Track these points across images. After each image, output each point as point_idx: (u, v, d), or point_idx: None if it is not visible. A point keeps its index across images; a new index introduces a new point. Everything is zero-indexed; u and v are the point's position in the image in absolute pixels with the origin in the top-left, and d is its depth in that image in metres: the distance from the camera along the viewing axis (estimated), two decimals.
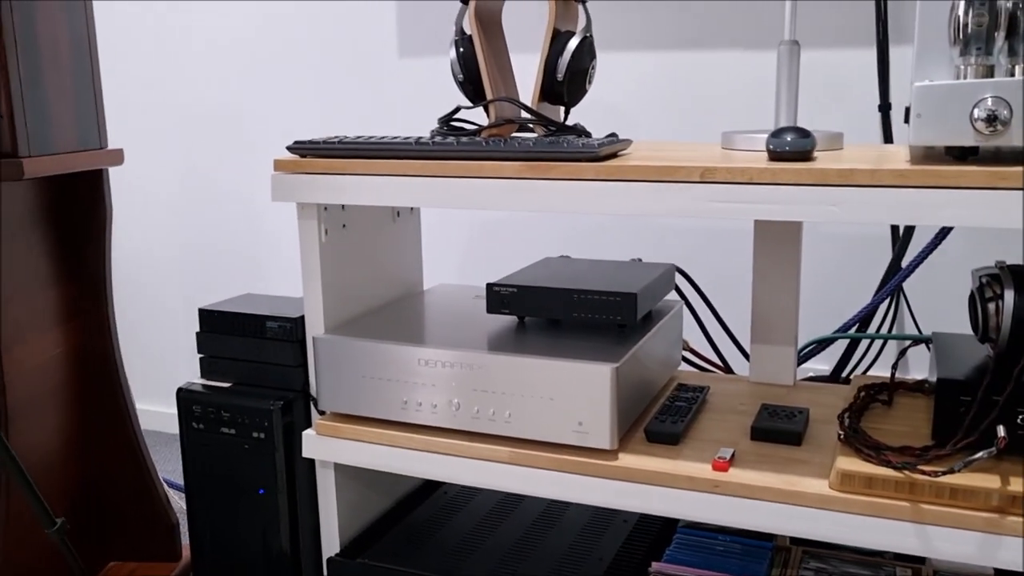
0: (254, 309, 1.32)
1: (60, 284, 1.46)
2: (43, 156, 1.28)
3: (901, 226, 1.53)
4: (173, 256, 2.20)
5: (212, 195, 2.12)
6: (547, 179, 1.04)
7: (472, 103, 1.32)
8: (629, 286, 1.18)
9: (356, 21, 1.90)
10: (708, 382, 1.37)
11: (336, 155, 1.16)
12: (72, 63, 1.36)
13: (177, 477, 2.00)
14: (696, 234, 1.71)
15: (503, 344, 1.15)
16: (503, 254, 1.86)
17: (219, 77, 2.05)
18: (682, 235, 1.71)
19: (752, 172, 0.95)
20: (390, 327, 1.25)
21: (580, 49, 1.24)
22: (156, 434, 2.30)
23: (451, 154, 1.10)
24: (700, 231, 1.69)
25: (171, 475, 2.03)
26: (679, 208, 0.98)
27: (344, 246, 1.27)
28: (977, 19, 0.93)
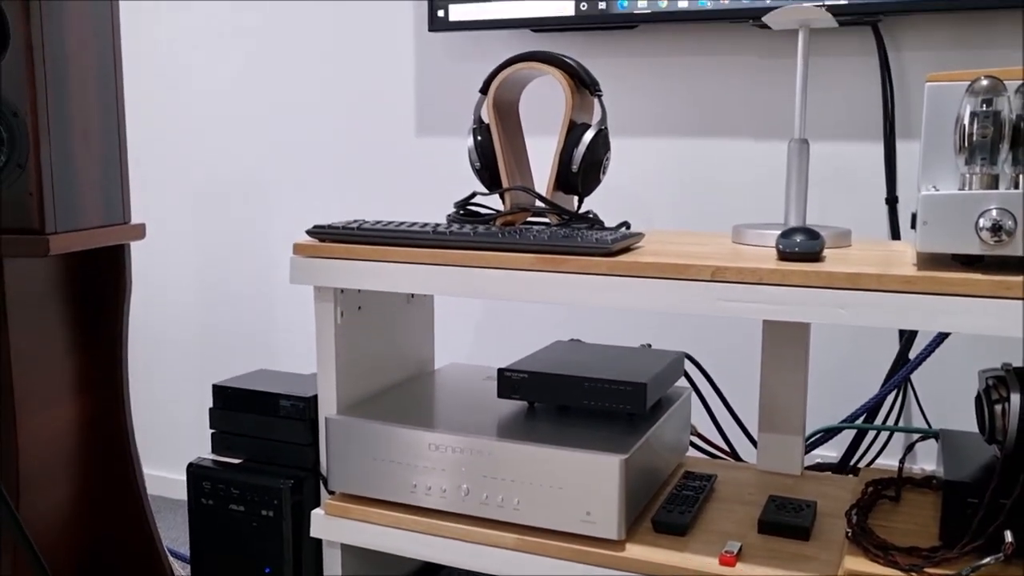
0: (268, 387, 1.33)
1: (77, 355, 1.48)
2: (68, 232, 1.31)
3: None
4: (189, 328, 2.22)
5: (229, 269, 2.15)
6: (561, 272, 1.06)
7: (488, 190, 1.35)
8: (639, 375, 1.20)
9: (375, 99, 1.95)
10: (716, 469, 1.37)
11: (354, 240, 1.19)
12: (102, 140, 1.40)
13: (180, 544, 1.99)
14: (705, 318, 1.72)
15: (513, 431, 1.16)
16: (514, 332, 1.88)
17: (237, 151, 2.10)
18: (692, 319, 1.73)
19: (762, 272, 0.97)
20: (402, 409, 1.26)
21: (595, 141, 1.27)
22: (160, 499, 2.30)
23: (467, 244, 1.13)
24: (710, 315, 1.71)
25: (174, 542, 2.03)
26: (689, 306, 1.00)
27: (359, 327, 1.29)
28: (982, 130, 0.96)
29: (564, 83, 1.28)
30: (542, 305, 1.85)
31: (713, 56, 1.67)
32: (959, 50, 1.51)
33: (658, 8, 1.57)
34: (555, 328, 1.84)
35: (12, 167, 1.25)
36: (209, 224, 2.16)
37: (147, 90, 2.19)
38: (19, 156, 1.24)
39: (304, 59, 2.01)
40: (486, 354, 1.91)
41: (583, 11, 1.63)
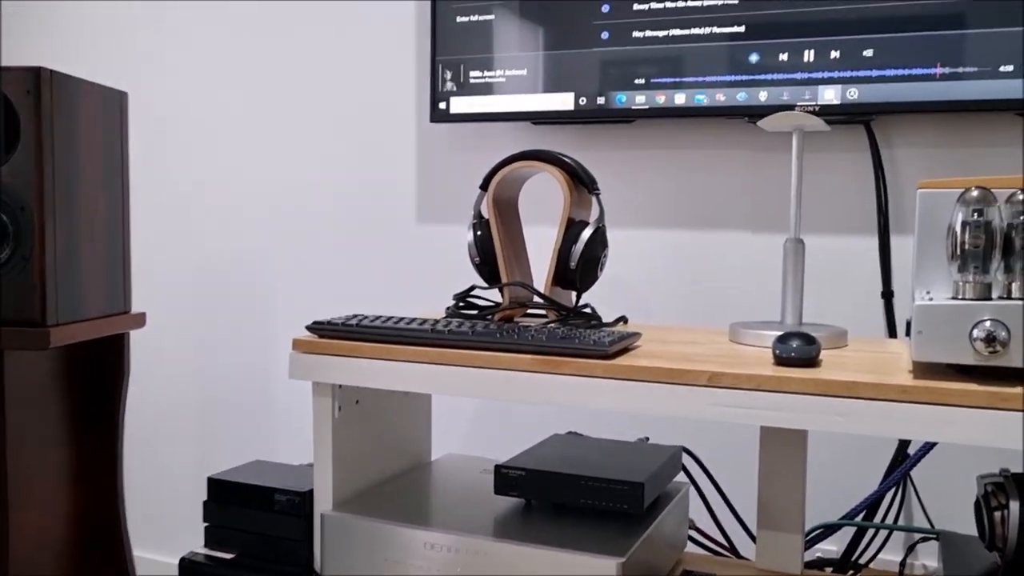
0: (263, 480, 1.32)
1: (73, 445, 1.48)
2: (70, 323, 1.32)
3: None
4: (185, 415, 2.22)
5: (228, 356, 2.16)
6: (559, 374, 1.06)
7: (487, 284, 1.37)
8: (636, 473, 1.19)
9: (377, 187, 1.98)
10: (715, 566, 1.35)
11: (354, 337, 1.19)
12: (107, 232, 1.41)
13: None
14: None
15: (509, 530, 1.15)
16: (512, 421, 1.87)
17: (237, 237, 2.12)
18: None
19: (759, 379, 0.98)
20: (398, 505, 1.25)
21: (593, 239, 1.29)
22: None
23: (466, 343, 1.13)
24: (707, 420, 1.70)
25: None
26: (686, 411, 1.00)
27: (356, 421, 1.29)
28: (974, 240, 0.98)
29: (562, 181, 1.30)
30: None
31: (710, 150, 1.70)
32: (949, 148, 1.54)
33: (655, 104, 1.61)
34: (552, 418, 1.83)
35: (17, 259, 1.26)
36: (207, 311, 2.17)
37: (148, 176, 2.22)
38: (24, 249, 1.26)
39: (307, 146, 2.05)
40: (483, 443, 1.91)
41: (582, 105, 1.66)
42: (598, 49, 1.64)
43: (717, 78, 1.56)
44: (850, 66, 1.48)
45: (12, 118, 1.26)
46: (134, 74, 2.23)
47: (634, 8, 1.61)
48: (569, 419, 1.81)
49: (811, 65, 1.50)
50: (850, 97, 1.49)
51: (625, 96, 1.63)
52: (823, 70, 1.50)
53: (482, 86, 1.73)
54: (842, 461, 1.63)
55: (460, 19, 1.74)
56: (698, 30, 1.57)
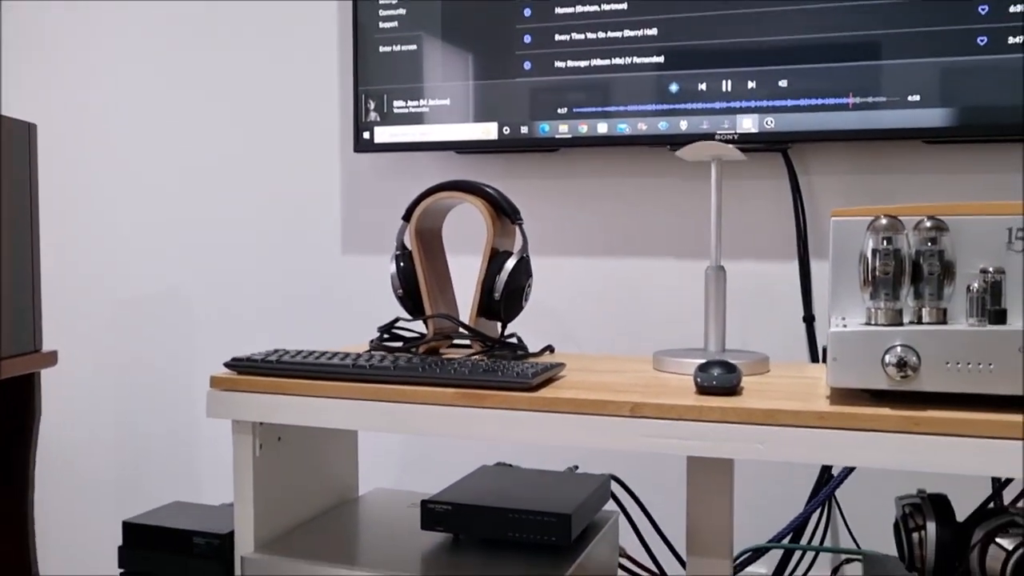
0: (181, 523, 1.28)
1: None
2: None
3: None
4: (103, 458, 2.14)
5: (148, 395, 2.09)
6: (481, 407, 1.05)
7: (411, 316, 1.35)
8: (564, 505, 1.19)
9: (301, 217, 1.95)
10: None
11: (273, 374, 1.17)
12: (14, 267, 1.36)
13: None
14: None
15: (437, 565, 1.14)
16: (440, 452, 1.85)
17: (155, 270, 2.07)
18: None
19: (680, 409, 0.98)
20: (323, 544, 1.22)
21: (517, 269, 1.29)
22: None
23: (387, 378, 1.11)
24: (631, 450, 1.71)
25: None
26: (609, 442, 1.00)
27: (278, 459, 1.26)
28: (884, 266, 1.00)
29: (485, 212, 1.30)
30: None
31: (633, 178, 1.72)
32: (864, 174, 1.58)
33: (578, 133, 1.62)
34: (482, 449, 1.82)
35: None
36: (126, 347, 2.11)
37: (61, 210, 2.15)
38: None
39: (228, 176, 2.01)
40: (412, 476, 1.88)
41: (506, 135, 1.67)
42: (521, 80, 1.65)
43: (639, 107, 1.58)
44: (766, 95, 1.51)
45: None
46: (45, 105, 2.16)
47: (556, 39, 1.62)
48: (499, 450, 1.80)
49: (729, 95, 1.53)
50: (767, 126, 1.52)
51: (548, 125, 1.64)
52: (741, 99, 1.53)
53: (406, 116, 1.72)
54: (768, 484, 1.65)
55: (383, 48, 1.73)
56: (619, 60, 1.59)
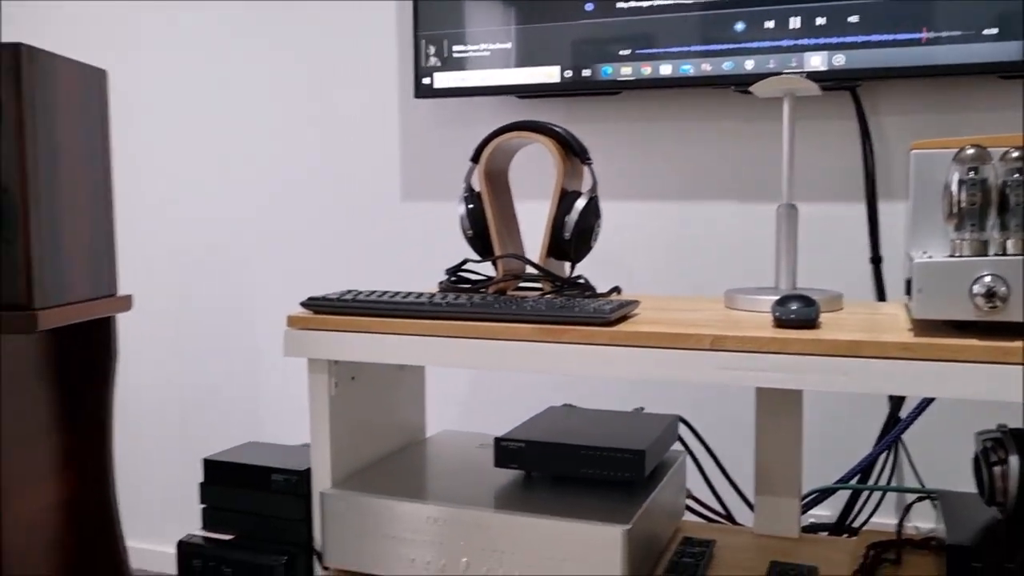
0: (259, 460, 1.31)
1: (60, 432, 1.45)
2: (56, 307, 1.29)
3: None
4: (172, 399, 2.19)
5: (213, 339, 2.13)
6: (559, 342, 1.06)
7: (480, 257, 1.36)
8: (636, 442, 1.19)
9: (361, 165, 1.96)
10: (713, 534, 1.36)
11: (349, 313, 1.18)
12: (90, 213, 1.39)
13: None
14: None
15: (512, 502, 1.15)
16: (503, 395, 1.87)
17: (221, 219, 2.09)
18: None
19: (761, 341, 0.98)
20: (397, 481, 1.24)
21: (587, 209, 1.28)
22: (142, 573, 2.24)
23: (463, 314, 1.12)
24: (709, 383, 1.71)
25: None
26: (688, 375, 1.00)
27: (352, 398, 1.28)
28: (970, 198, 0.98)
29: (555, 151, 1.30)
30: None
31: (696, 121, 1.70)
32: (935, 113, 1.55)
33: (641, 75, 1.60)
34: (544, 391, 1.83)
35: (1, 244, 1.24)
36: (193, 293, 2.15)
37: (131, 158, 2.18)
38: (8, 232, 1.23)
39: (290, 125, 2.02)
40: (475, 419, 1.90)
41: (568, 78, 1.65)
42: (583, 21, 1.63)
43: (703, 48, 1.56)
44: (836, 32, 1.48)
45: None
46: (109, 53, 2.19)
47: None
48: (561, 393, 1.81)
49: (797, 32, 1.50)
50: (836, 63, 1.49)
51: (611, 68, 1.63)
52: (809, 37, 1.50)
53: (466, 60, 1.72)
54: (834, 426, 1.64)
55: None
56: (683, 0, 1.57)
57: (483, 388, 1.89)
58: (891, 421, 1.53)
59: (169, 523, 2.23)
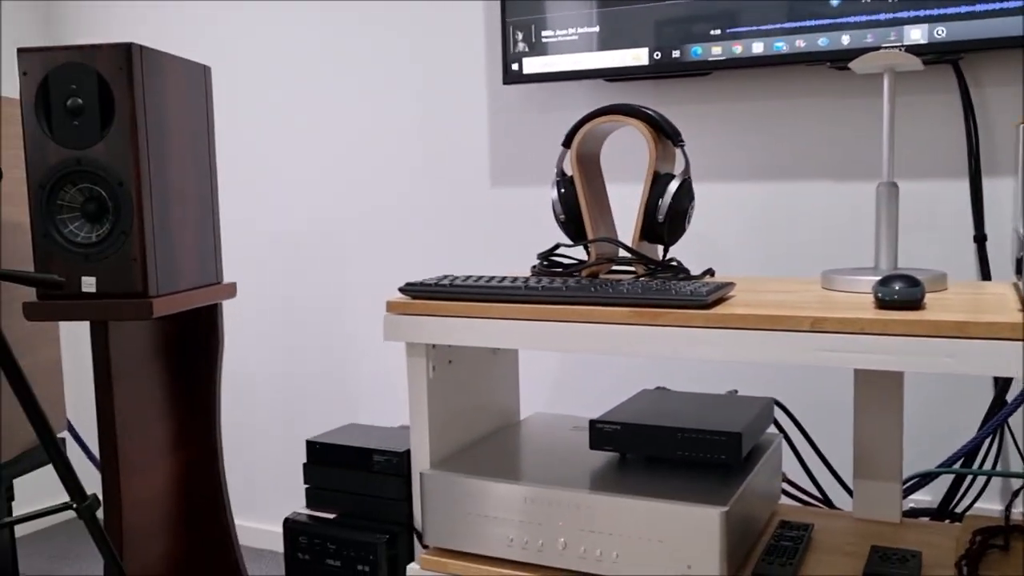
0: (360, 442, 1.35)
1: (173, 415, 1.52)
2: (168, 295, 1.35)
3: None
4: (271, 383, 2.27)
5: (309, 324, 2.20)
6: (655, 325, 1.06)
7: (573, 241, 1.37)
8: (732, 424, 1.19)
9: (450, 152, 1.98)
10: (811, 518, 1.35)
11: (447, 297, 1.21)
12: (197, 204, 1.45)
13: None
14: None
15: (608, 483, 1.16)
16: (592, 379, 1.88)
17: (315, 206, 2.15)
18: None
19: (863, 322, 0.96)
20: (494, 462, 1.27)
21: (680, 191, 1.28)
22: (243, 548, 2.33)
23: (560, 298, 1.14)
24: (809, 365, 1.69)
25: None
26: (787, 357, 1.00)
27: (449, 381, 1.31)
28: None
29: (647, 135, 1.30)
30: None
31: (790, 99, 1.67)
32: None
33: (733, 54, 1.58)
34: (632, 374, 1.83)
35: (117, 234, 1.30)
36: (287, 280, 2.21)
37: (230, 150, 2.26)
38: (123, 224, 1.29)
39: (380, 114, 2.06)
40: (565, 402, 1.92)
41: (657, 60, 1.64)
42: (670, 2, 1.62)
43: (797, 24, 1.53)
44: (937, 3, 1.44)
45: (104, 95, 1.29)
46: (208, 46, 2.26)
47: None
48: (651, 376, 1.81)
49: (895, 5, 1.46)
50: (938, 36, 1.44)
51: (701, 48, 1.61)
52: (909, 9, 1.45)
53: (554, 45, 1.72)
54: (935, 409, 1.60)
55: None
56: None
57: (571, 372, 1.91)
58: (997, 404, 1.49)
59: (272, 503, 2.31)
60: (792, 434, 1.61)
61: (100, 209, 1.31)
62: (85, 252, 1.30)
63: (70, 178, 1.30)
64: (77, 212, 1.32)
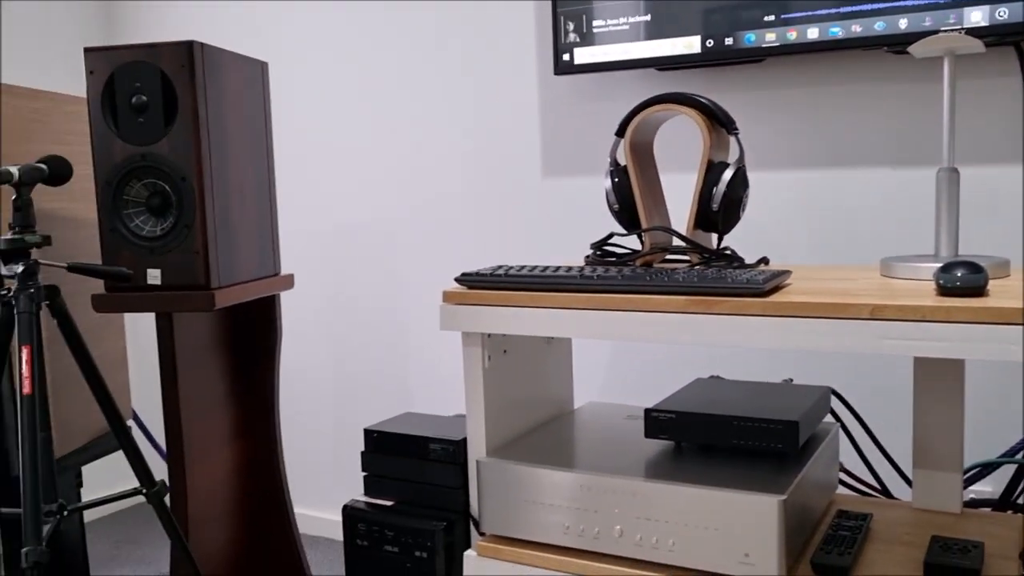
0: (417, 430, 1.37)
1: (234, 404, 1.56)
2: (229, 286, 1.38)
3: None
4: (325, 372, 2.30)
5: (362, 315, 2.23)
6: (712, 314, 1.06)
7: (627, 231, 1.37)
8: (789, 413, 1.18)
9: (501, 142, 1.99)
10: (869, 508, 1.34)
11: (502, 287, 1.22)
12: (256, 198, 1.48)
13: None
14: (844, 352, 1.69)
15: (664, 471, 1.17)
16: (643, 366, 1.88)
17: (367, 198, 2.18)
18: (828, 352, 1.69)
19: (925, 310, 0.95)
20: (550, 451, 1.28)
21: (735, 180, 1.27)
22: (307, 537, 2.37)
23: (615, 287, 1.14)
24: (868, 354, 1.67)
25: None
26: (847, 345, 0.99)
27: (504, 370, 1.32)
28: None
29: (701, 123, 1.29)
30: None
31: (844, 85, 1.65)
32: None
33: (787, 40, 1.57)
34: (685, 365, 1.83)
35: (180, 228, 1.33)
36: (344, 272, 2.24)
37: (286, 145, 2.30)
38: (187, 217, 1.33)
39: (430, 105, 2.08)
40: (616, 392, 1.92)
41: (709, 47, 1.63)
42: None
43: (853, 8, 1.51)
44: None
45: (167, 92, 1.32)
46: (264, 42, 2.30)
47: None
48: (702, 365, 1.81)
49: None
50: (999, 18, 1.41)
51: (754, 35, 1.60)
52: None
53: (606, 35, 1.72)
54: (997, 398, 1.57)
55: None
56: None
57: (622, 362, 1.91)
58: None
59: (327, 491, 2.35)
60: (848, 423, 1.59)
61: (164, 203, 1.34)
62: (150, 246, 1.34)
63: (135, 174, 1.34)
64: (142, 207, 1.36)
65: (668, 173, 1.78)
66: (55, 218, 1.50)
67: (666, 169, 1.78)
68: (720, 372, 1.79)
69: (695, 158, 1.76)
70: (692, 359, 1.82)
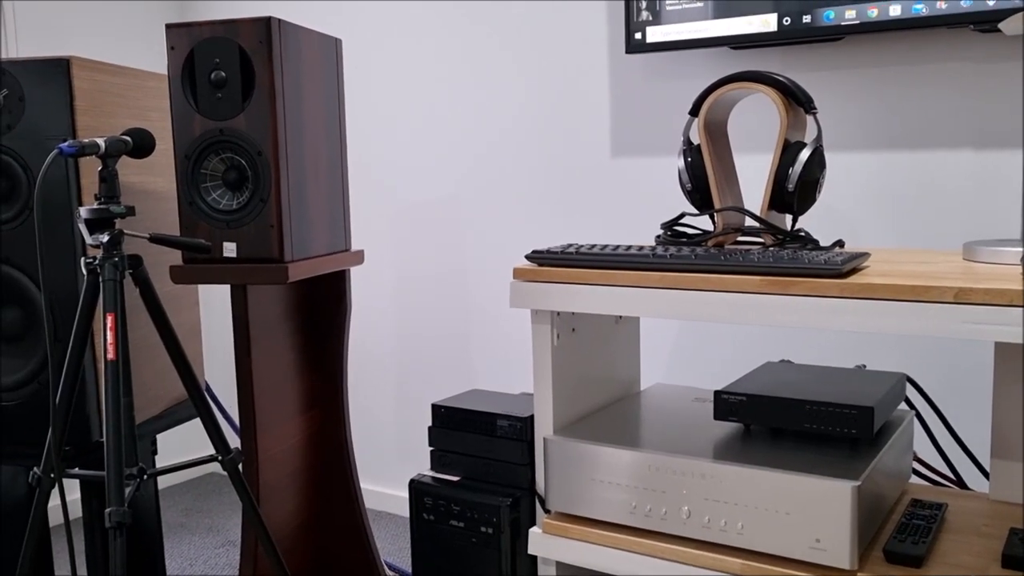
0: (484, 407, 1.38)
1: (304, 376, 1.59)
2: (302, 260, 1.40)
3: None
4: (391, 348, 2.33)
5: (429, 292, 2.24)
6: (788, 295, 1.05)
7: (699, 211, 1.35)
8: (864, 398, 1.16)
9: (571, 122, 1.98)
10: (943, 497, 1.31)
11: (573, 265, 1.21)
12: (328, 174, 1.49)
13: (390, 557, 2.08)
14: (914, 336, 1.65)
15: (734, 454, 1.15)
16: (712, 350, 1.86)
17: (436, 176, 2.19)
18: (903, 337, 1.66)
19: (1012, 294, 0.92)
20: (618, 430, 1.27)
21: (811, 160, 1.25)
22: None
23: (688, 266, 1.13)
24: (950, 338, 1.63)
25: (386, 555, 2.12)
26: (929, 328, 0.97)
27: (573, 349, 1.32)
28: None
29: (778, 102, 1.27)
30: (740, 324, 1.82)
31: (927, 64, 1.60)
32: None
33: (868, 18, 1.53)
34: (753, 348, 1.80)
35: (256, 202, 1.36)
36: (413, 248, 2.26)
37: (358, 121, 2.32)
38: (262, 192, 1.35)
39: (500, 85, 2.08)
40: (682, 374, 1.90)
41: (786, 25, 1.60)
42: None
43: None
44: None
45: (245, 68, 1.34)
46: (338, 19, 2.32)
47: None
48: (767, 351, 1.78)
49: None
50: None
51: (833, 12, 1.56)
52: None
53: (679, 13, 1.70)
54: None
55: None
56: None
57: (689, 344, 1.89)
58: None
59: (392, 467, 2.38)
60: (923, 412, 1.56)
61: (240, 178, 1.37)
62: (227, 219, 1.36)
63: (213, 148, 1.36)
64: (219, 181, 1.38)
65: (742, 153, 1.75)
66: (136, 191, 1.53)
67: (740, 149, 1.75)
68: (788, 357, 1.76)
69: (770, 139, 1.73)
70: (759, 344, 1.80)
